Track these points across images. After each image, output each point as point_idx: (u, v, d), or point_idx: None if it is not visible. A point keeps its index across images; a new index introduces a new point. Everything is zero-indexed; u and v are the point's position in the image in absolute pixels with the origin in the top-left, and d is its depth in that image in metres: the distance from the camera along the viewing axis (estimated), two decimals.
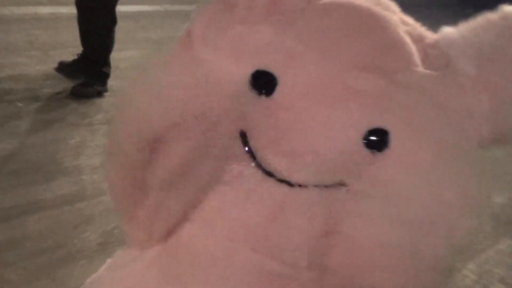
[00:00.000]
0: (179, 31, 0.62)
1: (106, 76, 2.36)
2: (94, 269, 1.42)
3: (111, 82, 2.42)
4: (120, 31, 2.76)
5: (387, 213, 0.54)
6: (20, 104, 2.20)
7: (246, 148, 0.55)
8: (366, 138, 0.54)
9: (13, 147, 1.88)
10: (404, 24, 0.59)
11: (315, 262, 0.58)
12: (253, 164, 0.55)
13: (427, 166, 0.55)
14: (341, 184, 0.55)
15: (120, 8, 2.53)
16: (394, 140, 0.55)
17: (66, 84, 2.40)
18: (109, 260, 0.79)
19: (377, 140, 0.55)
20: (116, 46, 2.47)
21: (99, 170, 1.81)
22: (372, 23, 0.57)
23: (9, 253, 1.38)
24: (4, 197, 1.60)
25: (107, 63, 2.37)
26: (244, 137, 0.55)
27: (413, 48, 0.57)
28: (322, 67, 0.55)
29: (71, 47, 2.58)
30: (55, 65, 2.40)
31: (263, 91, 0.56)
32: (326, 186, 0.55)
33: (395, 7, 0.62)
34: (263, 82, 0.56)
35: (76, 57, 2.39)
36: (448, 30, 0.61)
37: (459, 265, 1.28)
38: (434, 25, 0.62)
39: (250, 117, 0.55)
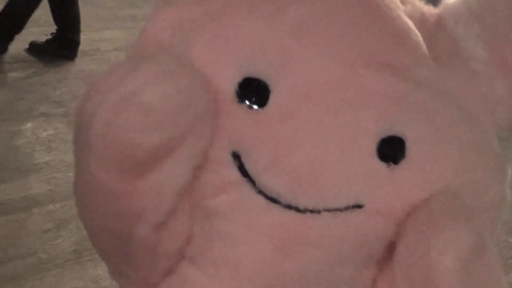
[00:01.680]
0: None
1: (76, 44, 2.39)
2: (67, 281, 1.34)
3: (91, 66, 2.33)
4: (102, 8, 2.63)
5: None
6: None
7: (241, 172, 0.49)
8: (379, 148, 0.49)
9: None
10: (403, 4, 0.56)
11: None
12: (252, 190, 0.49)
13: (450, 173, 0.52)
14: (357, 206, 0.50)
15: None
16: (411, 148, 0.50)
17: (37, 68, 2.28)
18: None
19: (393, 150, 0.50)
20: (97, 25, 2.38)
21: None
22: (375, 11, 0.52)
23: None
24: None
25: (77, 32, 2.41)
26: (237, 159, 0.49)
27: (419, 35, 0.54)
28: (323, 67, 0.50)
29: (44, 25, 2.47)
30: (26, 45, 2.32)
31: (254, 102, 0.49)
32: (340, 210, 0.49)
33: None
34: (254, 92, 0.49)
35: (50, 36, 2.35)
36: (451, 2, 0.58)
37: None
38: None
39: (242, 135, 0.49)
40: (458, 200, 0.52)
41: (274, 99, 0.49)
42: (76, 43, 2.38)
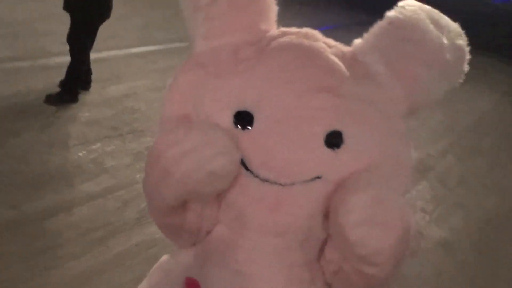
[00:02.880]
0: (179, 61, 0.74)
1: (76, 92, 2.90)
2: (134, 237, 1.88)
3: (131, 103, 3.08)
4: (134, 66, 3.59)
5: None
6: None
7: (245, 168, 0.67)
8: (326, 140, 0.66)
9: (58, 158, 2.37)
10: (329, 47, 0.72)
11: (310, 236, 0.72)
12: (253, 177, 0.67)
13: (375, 148, 0.68)
14: (317, 178, 0.67)
15: (132, 50, 3.34)
16: (346, 137, 0.67)
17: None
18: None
19: (335, 140, 0.67)
20: (132, 77, 3.35)
21: (130, 167, 2.34)
22: (312, 55, 0.69)
23: (70, 232, 1.87)
24: (67, 191, 2.11)
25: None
26: (241, 161, 0.66)
27: (342, 65, 0.69)
28: (283, 99, 0.66)
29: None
30: None
31: (244, 125, 0.67)
32: (307, 181, 0.67)
33: (319, 35, 0.75)
34: (243, 119, 0.67)
35: (59, 89, 2.86)
36: (358, 42, 0.75)
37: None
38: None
39: (241, 148, 0.65)
40: (376, 170, 0.67)
41: (257, 122, 0.66)
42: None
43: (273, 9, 0.77)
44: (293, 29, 0.75)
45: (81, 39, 2.79)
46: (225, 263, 0.74)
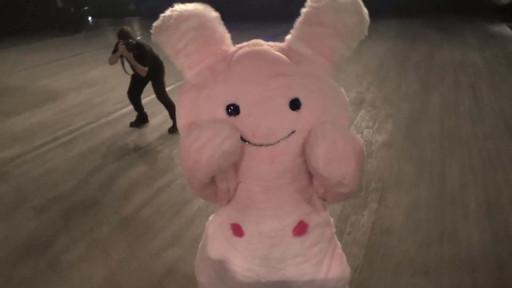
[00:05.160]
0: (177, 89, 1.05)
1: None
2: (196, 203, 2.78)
3: None
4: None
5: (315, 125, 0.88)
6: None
7: (243, 140, 0.90)
8: (290, 106, 0.88)
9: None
10: (271, 47, 0.95)
11: (298, 172, 0.95)
12: (250, 145, 0.90)
13: (322, 101, 0.92)
14: (293, 132, 0.90)
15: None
16: (303, 101, 0.88)
17: None
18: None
19: (296, 104, 0.88)
20: None
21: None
22: (262, 55, 0.92)
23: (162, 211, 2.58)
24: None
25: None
26: (242, 138, 0.90)
27: (283, 56, 0.92)
28: (254, 90, 0.88)
29: None
30: None
31: (234, 113, 0.88)
32: (287, 137, 0.90)
33: (262, 41, 0.98)
34: (233, 109, 0.88)
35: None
36: (288, 37, 0.95)
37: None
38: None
39: (237, 129, 0.87)
40: (325, 124, 0.89)
41: (241, 109, 0.90)
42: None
43: (227, 35, 0.99)
44: (244, 43, 0.96)
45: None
46: (250, 205, 1.00)
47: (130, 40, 3.52)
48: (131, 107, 4.17)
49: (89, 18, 12.30)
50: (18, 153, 3.72)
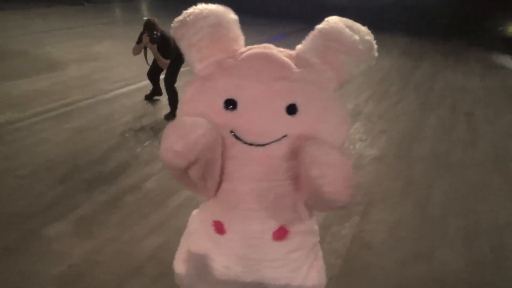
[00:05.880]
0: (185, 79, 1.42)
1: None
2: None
3: None
4: None
5: (311, 134, 0.89)
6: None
7: (235, 138, 0.91)
8: (287, 110, 0.90)
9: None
10: (280, 52, 0.98)
11: (284, 180, 0.97)
12: (242, 143, 0.90)
13: (320, 110, 0.93)
14: (285, 136, 0.91)
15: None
16: (300, 107, 0.90)
17: None
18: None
19: (293, 109, 0.90)
20: None
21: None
22: (269, 58, 0.94)
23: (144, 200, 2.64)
24: None
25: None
26: (232, 133, 0.91)
27: (290, 61, 0.94)
28: (255, 88, 0.89)
29: None
30: None
31: (231, 108, 0.90)
32: (278, 140, 0.91)
33: (272, 45, 1.01)
34: (230, 103, 0.90)
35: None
36: (299, 46, 0.99)
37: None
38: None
39: (231, 123, 0.89)
40: (322, 131, 0.92)
41: (239, 105, 0.93)
42: None
43: (242, 37, 1.04)
44: (255, 45, 1.00)
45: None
46: (235, 205, 1.00)
47: (155, 33, 3.57)
48: (130, 87, 4.22)
49: None
50: (11, 120, 3.71)
